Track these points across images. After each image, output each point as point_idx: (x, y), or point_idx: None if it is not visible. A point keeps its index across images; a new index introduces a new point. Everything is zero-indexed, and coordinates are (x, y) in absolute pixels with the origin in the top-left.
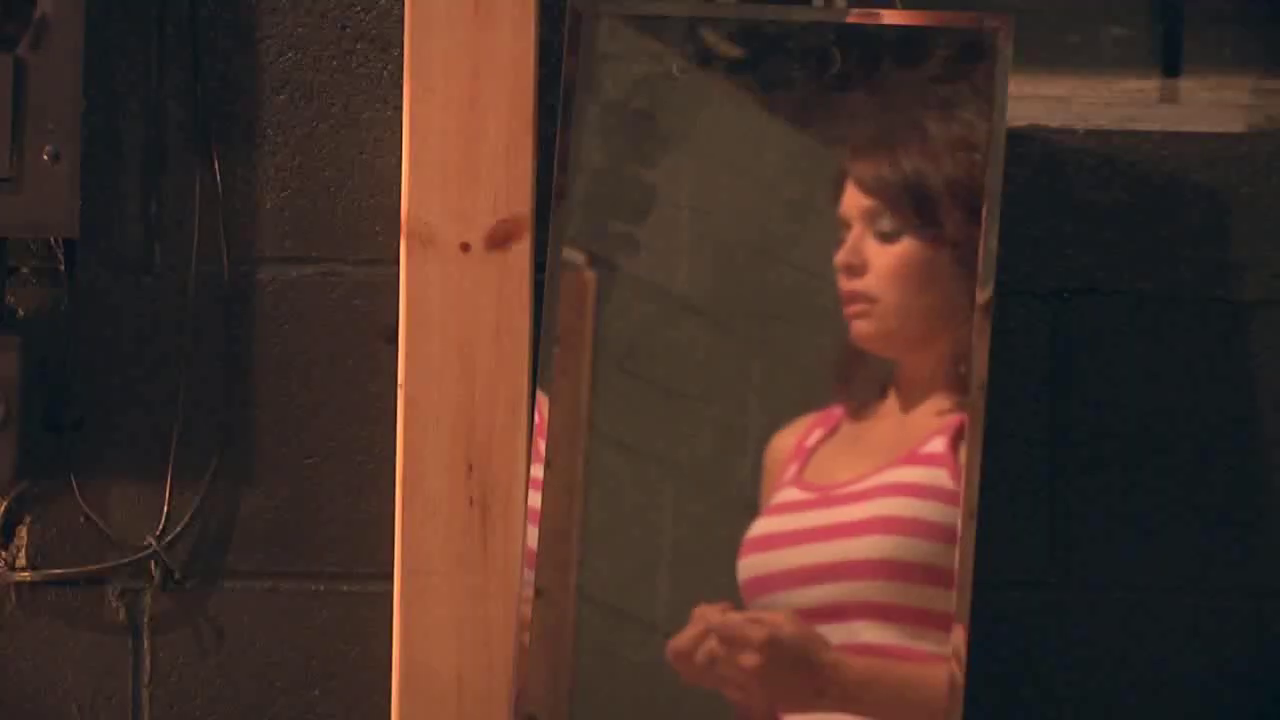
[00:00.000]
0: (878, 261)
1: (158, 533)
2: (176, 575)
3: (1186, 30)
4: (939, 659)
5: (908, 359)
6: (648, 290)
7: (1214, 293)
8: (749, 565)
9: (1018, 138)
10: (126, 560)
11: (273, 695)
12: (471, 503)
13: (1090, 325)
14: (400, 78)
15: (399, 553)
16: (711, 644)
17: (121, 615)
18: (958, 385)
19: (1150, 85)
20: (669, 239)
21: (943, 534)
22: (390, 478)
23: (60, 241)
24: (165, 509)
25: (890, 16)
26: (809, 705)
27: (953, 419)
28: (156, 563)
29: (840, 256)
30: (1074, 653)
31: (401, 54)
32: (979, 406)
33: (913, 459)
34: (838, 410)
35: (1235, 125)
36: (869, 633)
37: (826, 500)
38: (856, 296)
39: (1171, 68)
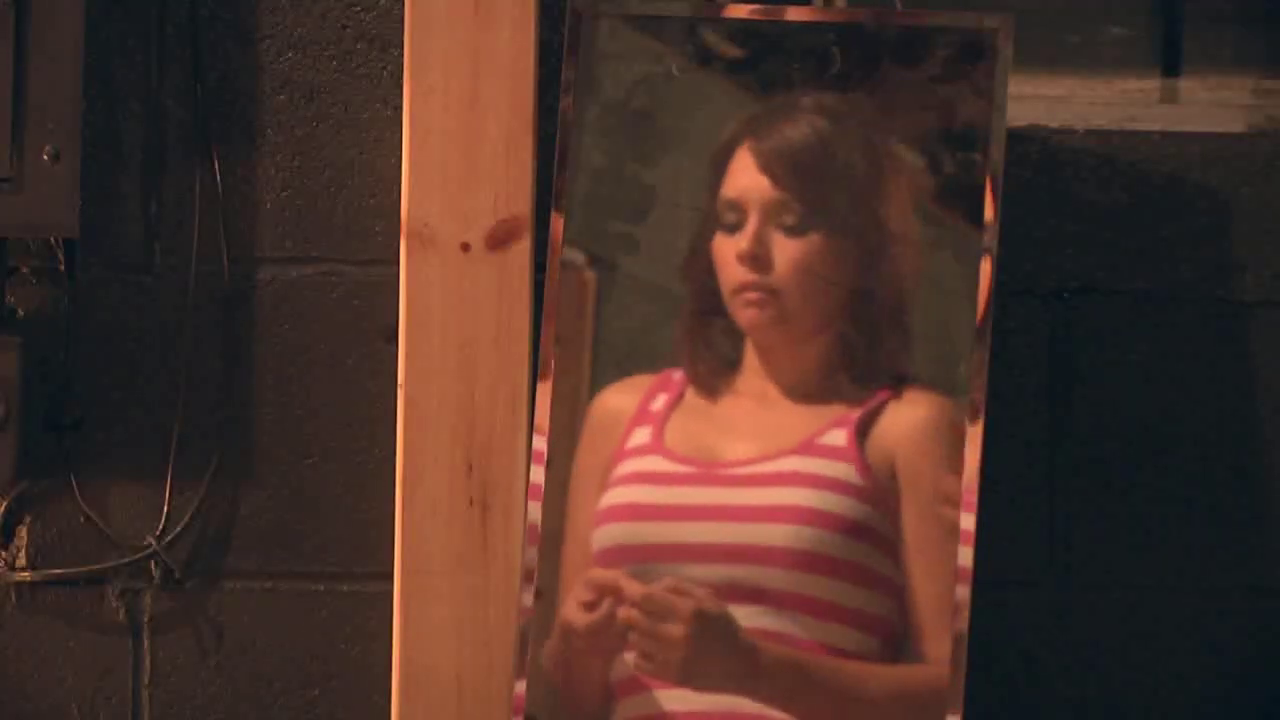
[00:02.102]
0: (782, 255)
1: (158, 533)
2: (176, 575)
3: (1186, 30)
4: (844, 655)
5: (795, 348)
6: (648, 290)
7: (1214, 293)
8: (612, 533)
9: (1018, 138)
10: (126, 560)
11: (273, 695)
12: (471, 503)
13: (1090, 325)
14: (400, 78)
15: (399, 553)
16: (630, 611)
17: (121, 615)
18: (851, 374)
19: (1150, 85)
20: (669, 239)
21: (850, 528)
22: (390, 478)
23: (60, 241)
24: (165, 509)
25: (890, 16)
26: (718, 684)
27: (851, 413)
28: (156, 563)
29: (745, 246)
30: (1074, 653)
31: (401, 54)
32: (979, 407)
33: (811, 449)
34: (678, 375)
35: (1235, 125)
36: (767, 619)
37: (717, 479)
38: (756, 287)
39: (1171, 68)
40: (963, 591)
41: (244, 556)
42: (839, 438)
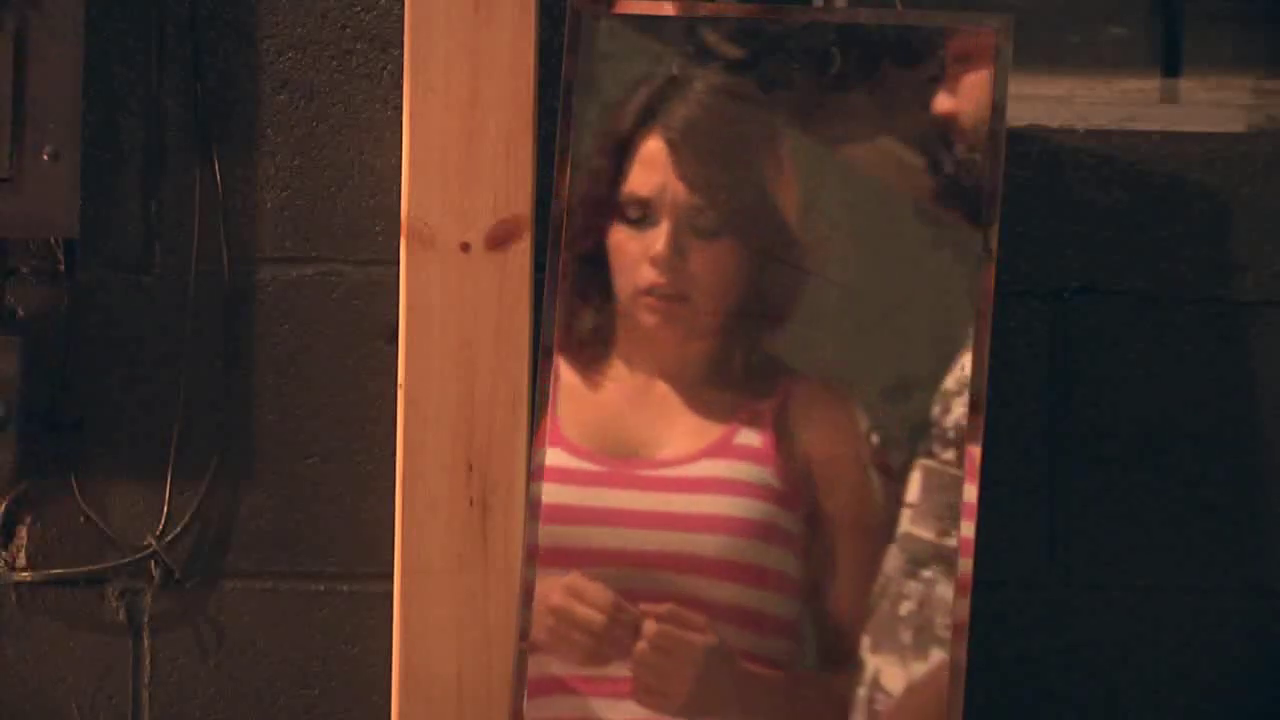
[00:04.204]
0: (695, 259)
1: (158, 533)
2: (176, 575)
3: (1186, 30)
4: (783, 672)
5: (685, 344)
6: None
7: (1214, 293)
8: (552, 534)
9: (1018, 138)
10: (126, 560)
11: (273, 695)
12: (471, 503)
13: (1090, 325)
14: (400, 78)
15: (399, 553)
16: (641, 646)
17: (121, 615)
18: (741, 369)
19: (1150, 85)
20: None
21: (771, 533)
22: (390, 478)
23: (60, 241)
24: (165, 509)
25: (890, 16)
26: (714, 713)
27: (754, 409)
28: (156, 563)
29: (661, 250)
30: (1074, 653)
31: (401, 54)
32: (980, 407)
33: (727, 451)
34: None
35: (1235, 125)
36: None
37: (632, 481)
38: (666, 293)
39: (1171, 68)
40: (962, 601)
41: (244, 556)
42: (754, 438)
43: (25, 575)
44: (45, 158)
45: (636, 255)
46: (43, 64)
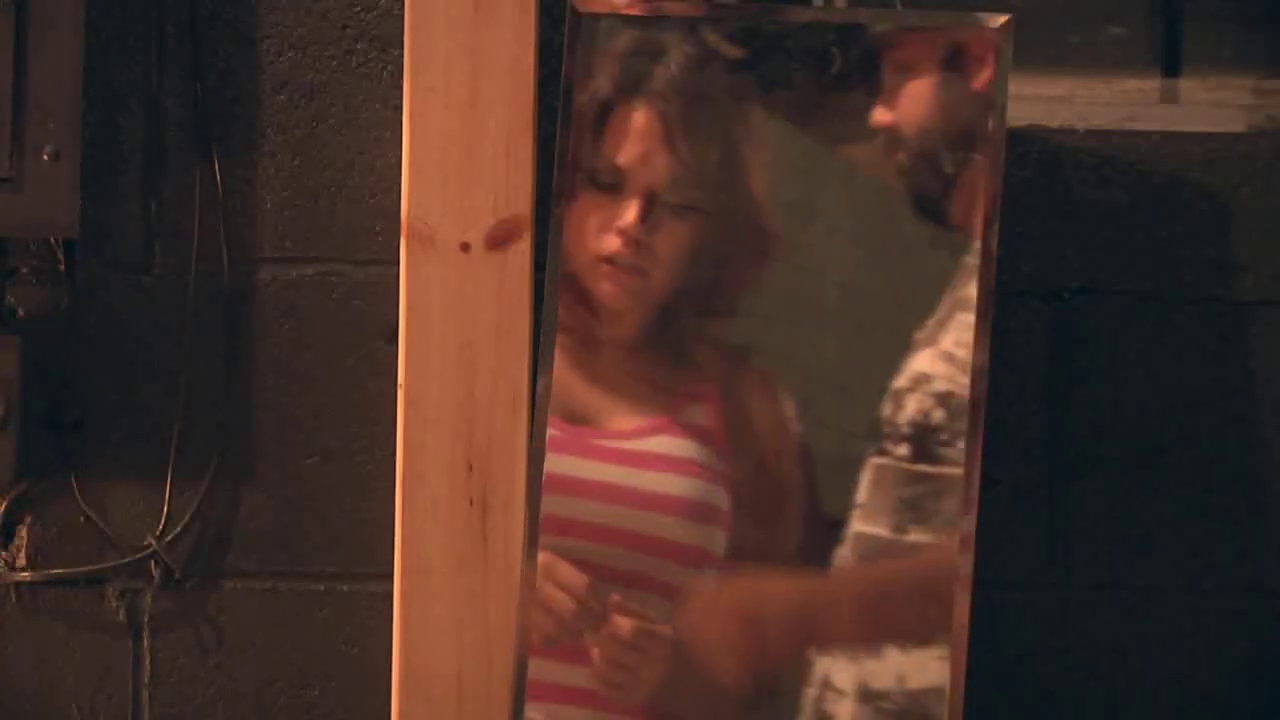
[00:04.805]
0: (661, 236)
1: (158, 533)
2: (176, 575)
3: (1186, 30)
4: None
5: (636, 317)
6: None
7: (1214, 293)
8: (546, 504)
9: (1018, 138)
10: (126, 560)
11: (273, 695)
12: (471, 503)
13: (1090, 325)
14: (400, 78)
15: (399, 553)
16: (611, 649)
17: (121, 615)
18: (692, 352)
19: (1150, 85)
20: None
21: (710, 515)
22: (390, 478)
23: (60, 241)
24: (165, 509)
25: (890, 17)
26: (678, 710)
27: (703, 389)
28: (156, 563)
29: (630, 222)
30: (1074, 653)
31: (401, 54)
32: (979, 406)
33: (675, 428)
34: None
35: (1235, 125)
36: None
37: (595, 452)
38: (626, 264)
39: (1171, 68)
40: (963, 598)
41: (244, 556)
42: (701, 415)
43: (25, 575)
44: (45, 158)
45: (601, 222)
46: (43, 64)
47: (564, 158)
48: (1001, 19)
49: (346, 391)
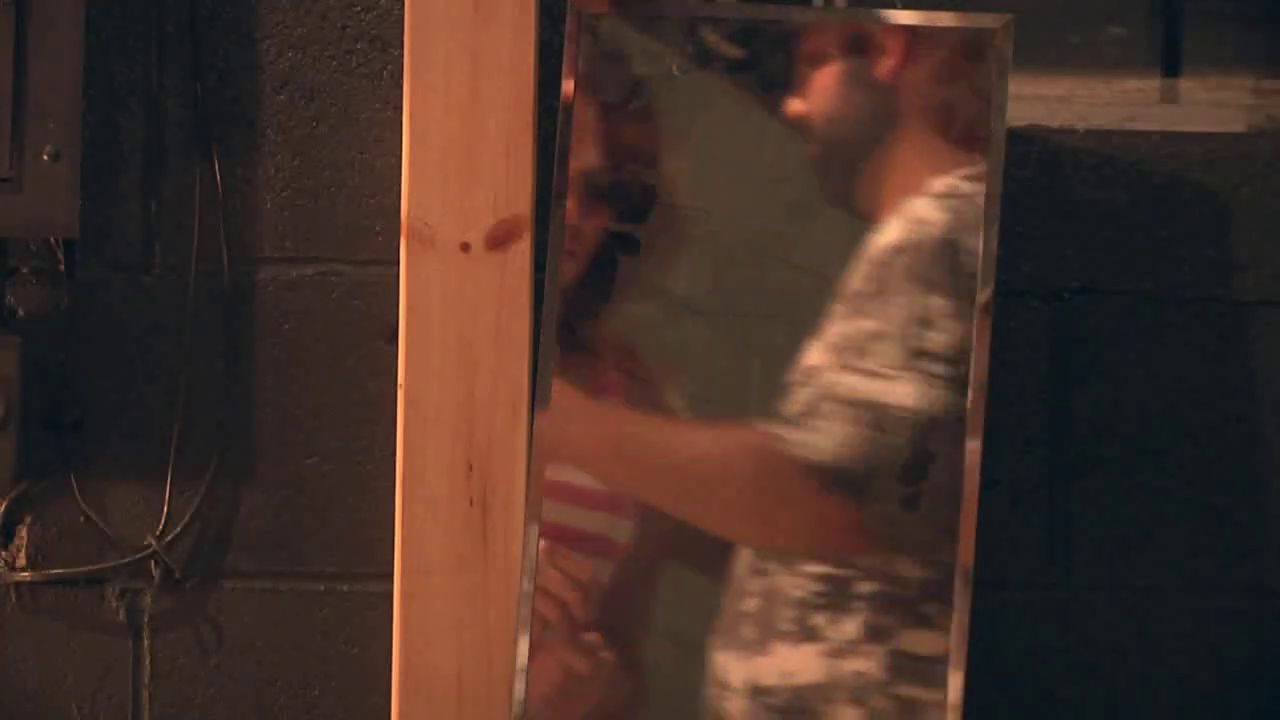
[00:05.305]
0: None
1: (158, 533)
2: (176, 575)
3: (1186, 30)
4: None
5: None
6: (648, 290)
7: (1214, 293)
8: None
9: (1018, 138)
10: (126, 560)
11: (273, 695)
12: (471, 503)
13: (1090, 325)
14: (400, 78)
15: (399, 553)
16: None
17: (121, 615)
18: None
19: (1150, 85)
20: (669, 239)
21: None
22: (390, 478)
23: (60, 241)
24: (165, 509)
25: (890, 17)
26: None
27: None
28: (156, 563)
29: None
30: (1074, 653)
31: (401, 54)
32: (979, 406)
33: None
34: None
35: (1235, 125)
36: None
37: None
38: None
39: (1171, 68)
40: (963, 601)
41: (244, 556)
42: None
43: (25, 575)
44: (45, 158)
45: None
46: (43, 64)
47: (564, 158)
48: (1002, 19)
49: (346, 391)
